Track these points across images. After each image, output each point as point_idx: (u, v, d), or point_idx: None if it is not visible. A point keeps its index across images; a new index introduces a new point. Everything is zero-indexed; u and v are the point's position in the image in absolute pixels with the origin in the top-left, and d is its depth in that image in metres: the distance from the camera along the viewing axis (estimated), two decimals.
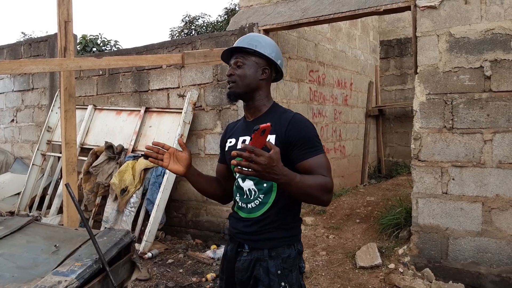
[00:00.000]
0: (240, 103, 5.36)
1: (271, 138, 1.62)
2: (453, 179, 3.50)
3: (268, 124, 1.36)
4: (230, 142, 1.80)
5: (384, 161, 8.26)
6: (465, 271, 3.44)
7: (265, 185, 1.64)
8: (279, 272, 1.62)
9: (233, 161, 1.37)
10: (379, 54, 8.49)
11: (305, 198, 1.55)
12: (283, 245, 1.65)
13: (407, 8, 3.89)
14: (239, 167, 1.36)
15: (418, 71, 3.67)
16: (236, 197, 1.76)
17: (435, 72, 3.58)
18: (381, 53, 8.52)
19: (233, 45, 1.74)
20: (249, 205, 1.69)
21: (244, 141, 1.72)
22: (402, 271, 3.52)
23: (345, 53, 7.06)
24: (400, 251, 3.72)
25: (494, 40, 3.36)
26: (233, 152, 1.34)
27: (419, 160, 3.64)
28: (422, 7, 3.63)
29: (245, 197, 1.70)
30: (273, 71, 1.77)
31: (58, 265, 2.13)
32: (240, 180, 1.72)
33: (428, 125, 3.60)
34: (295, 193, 1.50)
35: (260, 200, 1.66)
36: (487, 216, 3.37)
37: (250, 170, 1.35)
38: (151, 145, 1.77)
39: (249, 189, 1.69)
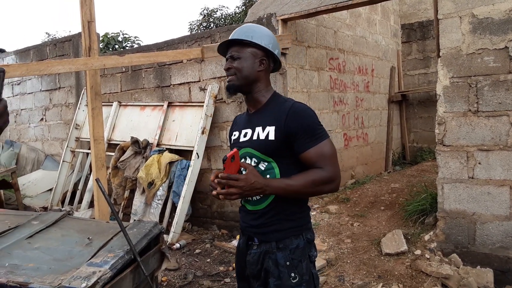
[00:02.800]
0: None
1: (271, 130, 1.61)
2: (479, 163, 3.43)
3: (235, 149, 1.52)
4: (234, 135, 1.80)
5: (409, 147, 8.14)
6: (494, 256, 3.39)
7: (268, 176, 1.64)
8: (288, 263, 1.61)
9: (213, 192, 1.53)
10: (400, 38, 8.31)
11: (305, 196, 1.65)
12: (290, 236, 1.64)
13: None
14: (221, 195, 1.52)
15: (440, 54, 3.59)
16: None
17: (458, 54, 3.50)
18: (403, 37, 8.34)
19: (229, 38, 1.71)
20: (254, 198, 1.68)
21: (246, 134, 1.72)
22: (428, 257, 3.50)
23: (365, 39, 6.95)
24: (426, 237, 3.69)
25: None
26: (210, 185, 1.54)
27: (443, 145, 3.58)
28: None
29: None
30: (271, 62, 1.74)
31: (92, 257, 2.23)
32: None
33: (452, 109, 3.54)
34: (291, 196, 1.59)
35: None
36: None
37: (232, 195, 1.50)
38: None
39: None
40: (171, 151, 5.33)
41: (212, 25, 14.71)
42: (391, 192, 5.08)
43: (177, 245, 4.66)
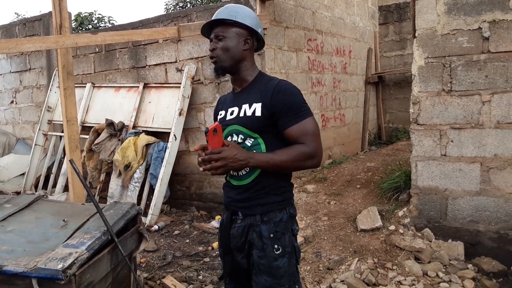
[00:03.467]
0: None
1: (257, 107, 1.65)
2: (451, 141, 3.53)
3: (217, 123, 1.52)
4: (220, 114, 1.83)
5: (384, 128, 8.29)
6: (464, 230, 3.52)
7: (254, 151, 1.67)
8: (271, 235, 1.66)
9: (200, 169, 1.56)
10: (378, 20, 8.36)
11: (287, 170, 1.69)
12: (274, 209, 1.69)
13: None
14: (208, 170, 1.55)
15: (416, 35, 3.63)
16: None
17: (434, 35, 3.55)
18: (380, 18, 8.39)
19: (212, 18, 1.72)
20: (240, 173, 1.72)
21: (232, 112, 1.75)
22: (402, 232, 3.60)
23: (343, 20, 6.96)
24: (400, 213, 3.80)
25: (492, 0, 3.32)
26: (198, 159, 1.56)
27: (418, 124, 3.66)
28: None
29: None
30: (255, 41, 1.78)
31: (68, 238, 2.20)
32: None
33: (426, 88, 3.61)
34: (274, 170, 1.63)
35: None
36: (485, 176, 3.42)
37: (218, 169, 1.54)
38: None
39: None
40: (148, 133, 5.26)
41: (189, 6, 14.39)
42: (367, 171, 5.18)
43: (156, 227, 4.65)
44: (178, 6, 14.51)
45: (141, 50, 5.64)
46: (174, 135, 4.92)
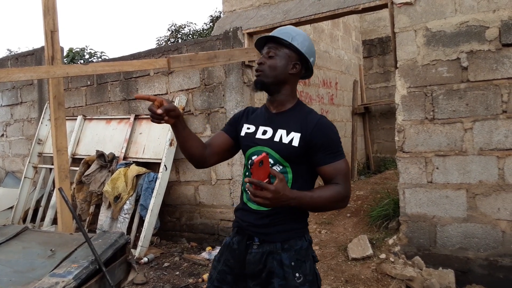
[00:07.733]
0: (229, 106, 5.31)
1: (296, 137, 1.62)
2: (437, 168, 3.60)
3: (264, 154, 1.41)
4: (249, 128, 1.77)
5: (373, 158, 8.39)
6: (454, 257, 3.53)
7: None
8: (292, 263, 1.62)
9: (253, 199, 1.42)
10: (362, 54, 8.65)
11: (320, 210, 1.63)
12: (295, 237, 1.66)
13: (385, 6, 4.01)
14: (258, 203, 1.42)
15: (398, 65, 3.78)
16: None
17: (414, 66, 3.70)
18: (364, 52, 8.68)
19: (270, 34, 1.71)
20: None
21: (265, 132, 1.71)
22: (393, 260, 3.60)
23: (328, 54, 7.19)
24: (390, 241, 3.81)
25: (469, 32, 3.49)
26: (247, 182, 1.41)
27: (403, 152, 3.74)
28: (399, 4, 3.75)
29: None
30: (303, 68, 1.74)
31: (55, 268, 2.17)
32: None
33: (410, 117, 3.71)
34: (309, 209, 1.59)
35: None
36: (471, 202, 3.48)
37: (258, 203, 1.41)
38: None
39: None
40: (138, 164, 5.27)
41: (180, 41, 14.74)
42: (357, 199, 5.21)
43: (145, 259, 4.57)
44: (169, 42, 14.85)
45: (132, 82, 5.73)
46: (165, 165, 4.94)
